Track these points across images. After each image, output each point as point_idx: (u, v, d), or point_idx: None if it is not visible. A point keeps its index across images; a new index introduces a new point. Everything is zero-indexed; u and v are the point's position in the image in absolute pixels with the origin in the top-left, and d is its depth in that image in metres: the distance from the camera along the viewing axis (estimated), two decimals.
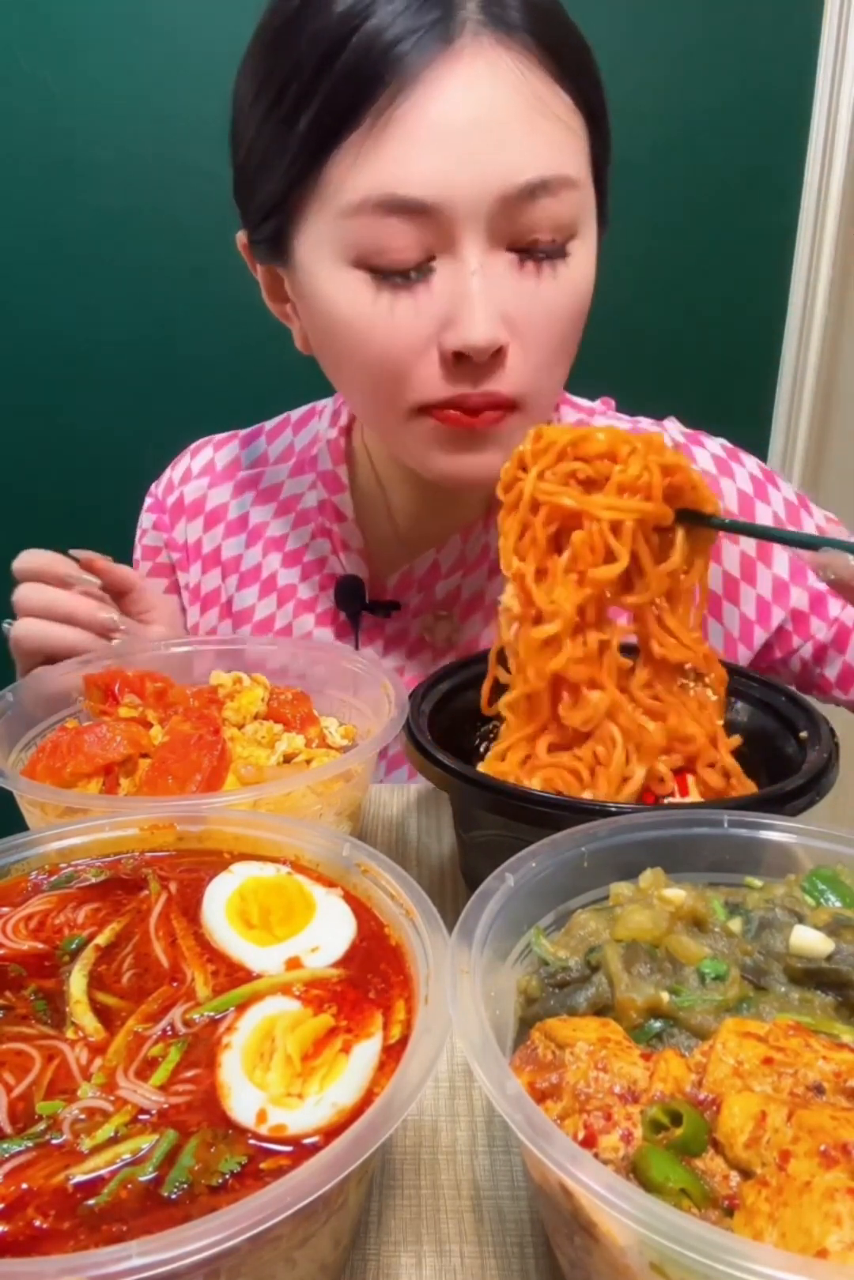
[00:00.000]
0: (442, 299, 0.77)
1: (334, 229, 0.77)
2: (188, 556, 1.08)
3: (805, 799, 0.67)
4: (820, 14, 1.87)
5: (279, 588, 1.04)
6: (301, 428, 1.09)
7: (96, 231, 1.94)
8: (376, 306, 0.77)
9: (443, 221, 0.74)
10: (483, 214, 0.74)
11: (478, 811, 0.71)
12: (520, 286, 0.77)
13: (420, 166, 0.72)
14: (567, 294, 0.80)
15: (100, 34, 1.84)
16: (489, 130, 0.72)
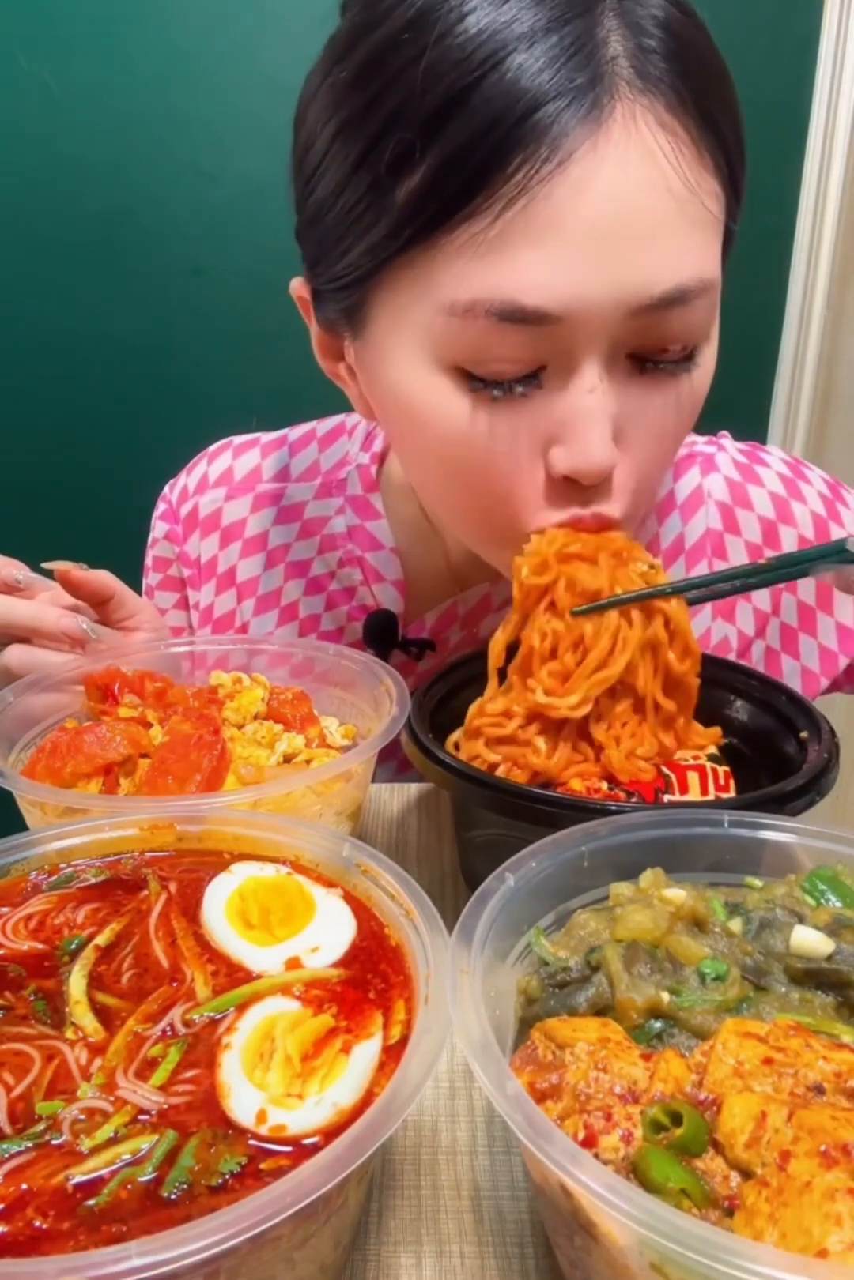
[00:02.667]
0: (549, 414, 0.66)
1: (431, 324, 0.65)
2: (200, 574, 1.01)
3: (805, 799, 0.67)
4: (820, 14, 1.87)
5: (301, 617, 0.97)
6: (329, 444, 0.99)
7: (96, 232, 1.94)
8: (473, 422, 0.66)
9: (565, 335, 0.63)
10: (610, 327, 0.63)
11: (478, 811, 0.71)
12: (635, 399, 0.67)
13: (552, 274, 0.60)
14: (684, 407, 0.69)
15: (100, 34, 1.84)
16: (632, 230, 0.60)
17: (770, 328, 2.07)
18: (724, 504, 0.93)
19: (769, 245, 2.01)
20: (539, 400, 0.66)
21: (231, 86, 1.85)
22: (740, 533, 0.92)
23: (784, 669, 0.94)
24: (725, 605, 0.93)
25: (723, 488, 0.93)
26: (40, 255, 1.96)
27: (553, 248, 0.60)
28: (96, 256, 1.96)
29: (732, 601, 0.92)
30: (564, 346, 0.63)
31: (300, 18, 1.82)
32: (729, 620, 0.93)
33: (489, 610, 0.92)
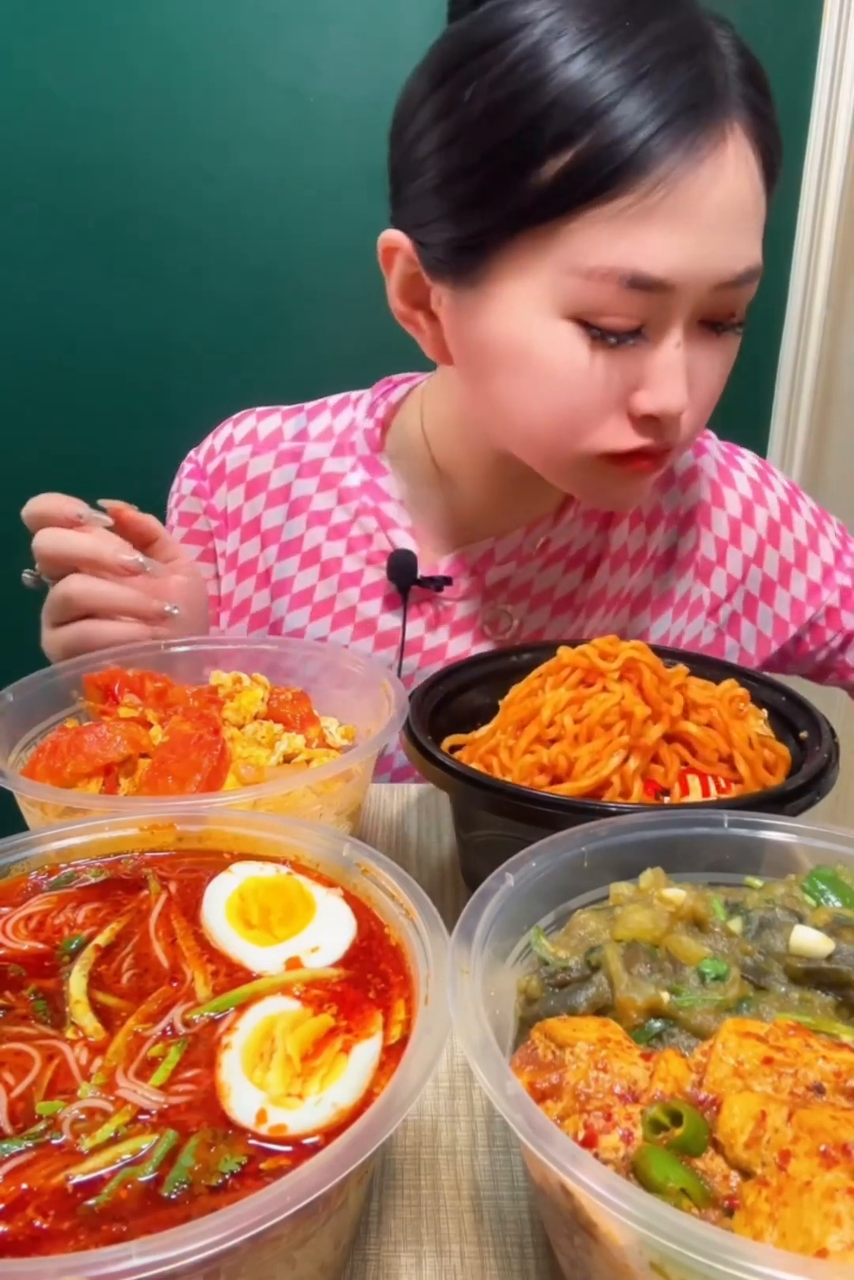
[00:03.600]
0: (640, 361, 0.79)
1: (557, 282, 0.76)
2: (227, 524, 1.07)
3: (805, 799, 0.67)
4: (820, 14, 1.87)
5: (323, 560, 1.04)
6: (338, 412, 1.09)
7: (96, 232, 1.94)
8: (586, 360, 0.78)
9: (668, 299, 0.76)
10: (700, 296, 0.77)
11: (478, 811, 0.71)
12: (704, 355, 0.82)
13: (674, 250, 0.73)
14: (727, 365, 0.86)
15: (100, 35, 1.84)
16: (728, 221, 0.75)
17: (771, 327, 2.07)
18: (713, 480, 1.06)
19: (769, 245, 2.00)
20: (637, 351, 0.79)
21: (232, 87, 1.85)
22: (725, 506, 1.06)
23: (743, 632, 1.07)
24: (705, 567, 1.06)
25: (713, 467, 1.07)
26: (40, 255, 1.96)
27: (681, 231, 0.73)
28: (97, 256, 1.96)
29: (711, 565, 1.06)
30: (664, 310, 0.77)
31: (300, 18, 1.82)
32: (705, 584, 1.06)
33: (492, 563, 1.02)
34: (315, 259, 1.95)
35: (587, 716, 0.75)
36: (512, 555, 1.02)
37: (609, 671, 0.77)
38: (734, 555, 1.05)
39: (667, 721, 0.75)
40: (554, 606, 1.04)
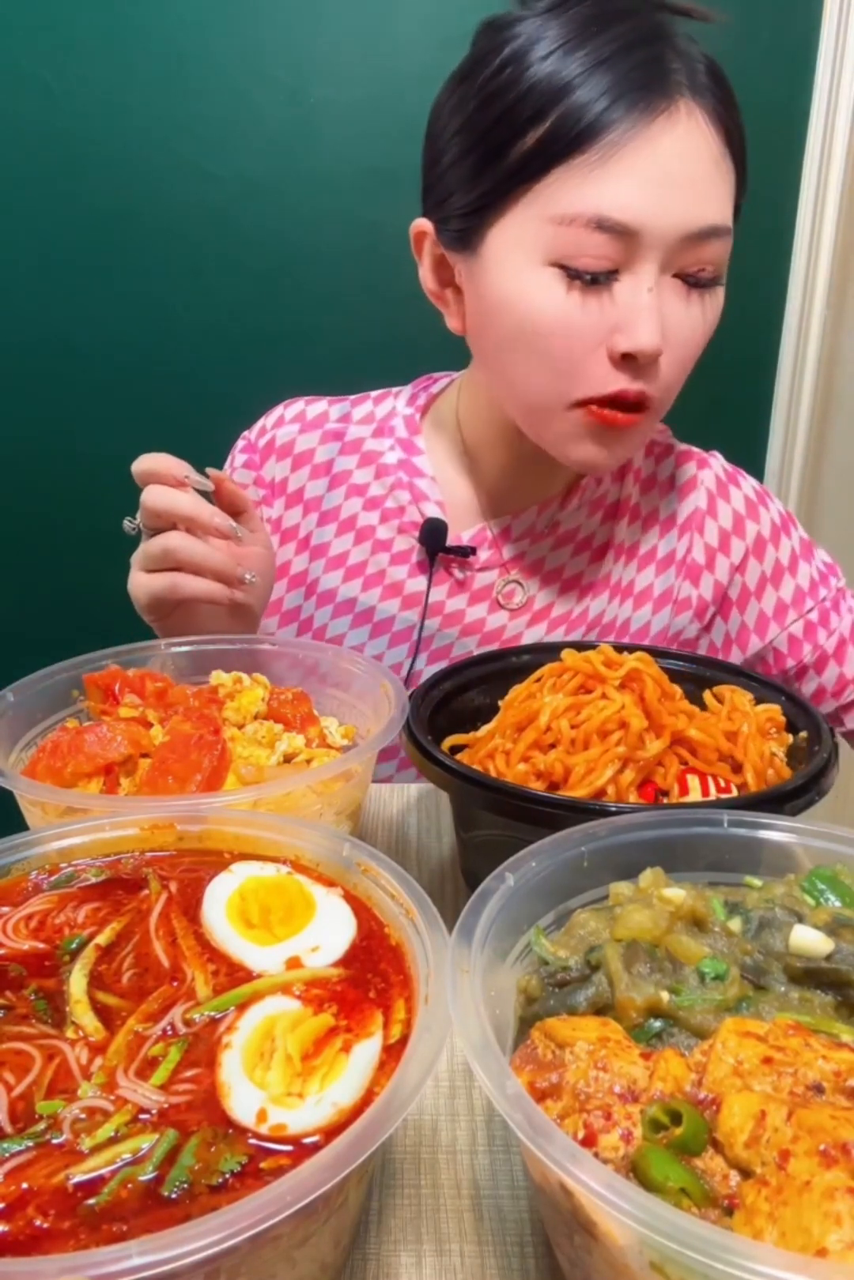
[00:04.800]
0: (617, 306, 0.89)
1: (539, 232, 0.89)
2: (273, 492, 1.17)
3: (805, 799, 0.67)
4: (820, 14, 1.87)
5: (358, 527, 1.14)
6: (380, 402, 1.20)
7: (96, 232, 1.94)
8: (567, 302, 0.89)
9: (636, 245, 0.87)
10: (667, 244, 0.87)
11: (478, 811, 0.71)
12: (680, 307, 0.91)
13: (635, 197, 0.85)
14: (708, 320, 0.95)
15: (100, 34, 1.84)
16: (688, 177, 0.87)
17: (771, 328, 2.07)
18: (711, 492, 1.14)
19: (769, 245, 2.01)
20: (613, 294, 0.89)
21: (232, 86, 1.85)
22: (717, 518, 1.13)
23: (715, 630, 1.15)
24: (695, 571, 1.13)
25: (712, 481, 1.15)
26: (40, 255, 1.96)
27: (640, 181, 0.85)
28: (97, 256, 1.96)
29: (700, 569, 1.13)
30: (635, 254, 0.87)
31: (300, 18, 1.82)
32: (695, 585, 1.13)
33: (509, 539, 1.12)
34: (315, 258, 1.95)
35: (584, 723, 0.75)
36: (526, 533, 1.12)
37: (611, 679, 0.77)
38: (722, 563, 1.13)
39: (667, 737, 0.75)
40: (562, 585, 1.13)
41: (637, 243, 0.87)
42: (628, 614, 1.13)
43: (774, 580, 1.12)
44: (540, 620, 1.12)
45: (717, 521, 1.13)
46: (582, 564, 1.13)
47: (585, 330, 0.90)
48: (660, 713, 0.76)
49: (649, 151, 0.85)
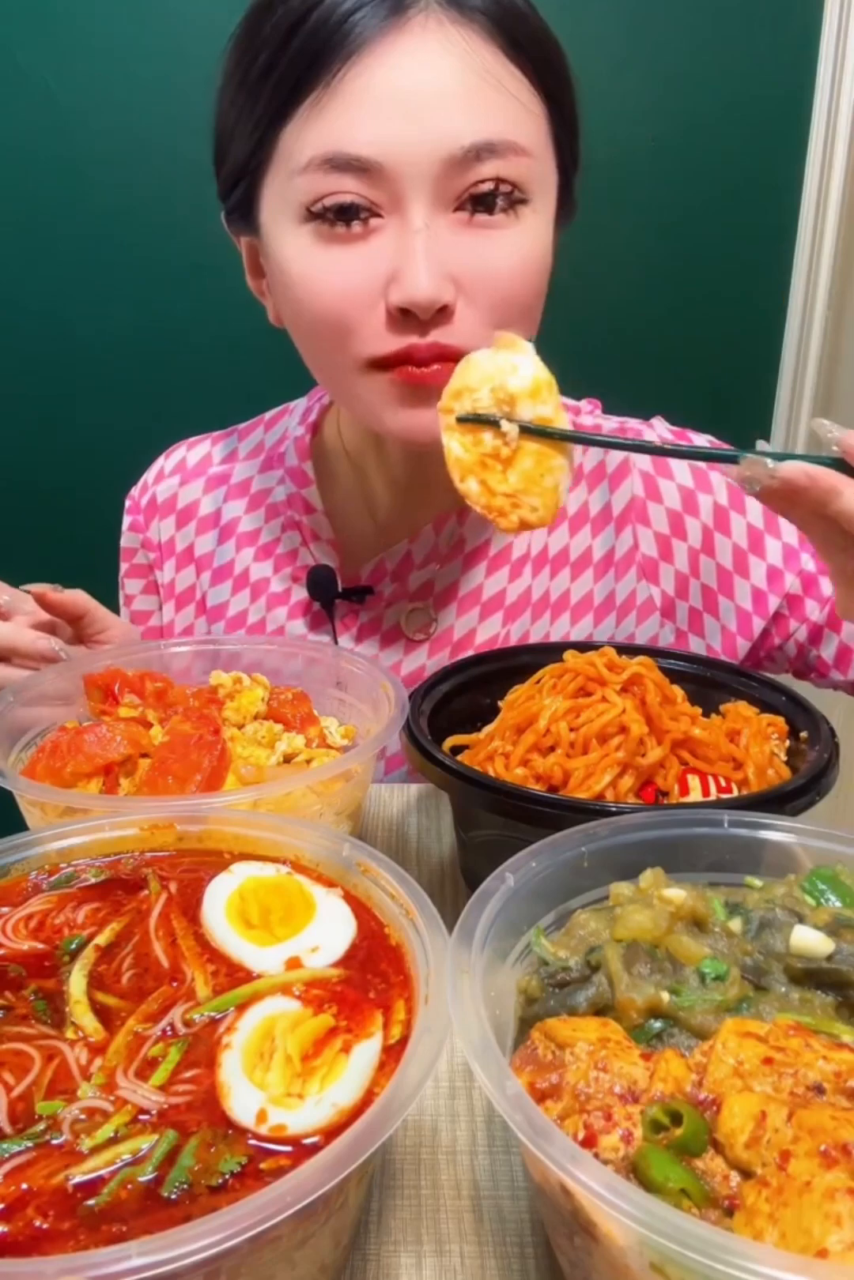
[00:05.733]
0: (387, 256, 0.79)
1: (288, 189, 0.81)
2: (162, 555, 1.11)
3: (805, 799, 0.67)
4: (820, 14, 1.87)
5: (252, 582, 1.06)
6: (272, 426, 1.12)
7: (96, 230, 1.94)
8: (326, 258, 0.81)
9: (389, 181, 0.77)
10: (428, 175, 0.77)
11: (478, 811, 0.71)
12: (466, 243, 0.80)
13: (365, 127, 0.77)
14: (515, 254, 0.81)
15: (100, 34, 1.84)
16: (434, 96, 0.76)
17: (772, 327, 2.07)
18: (647, 473, 1.01)
19: (771, 245, 2.01)
20: (377, 244, 0.80)
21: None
22: (662, 500, 1.00)
23: (706, 628, 1.02)
24: (649, 566, 1.01)
25: (647, 459, 1.02)
26: (40, 255, 1.96)
27: (367, 110, 0.77)
28: (97, 256, 1.96)
29: (655, 563, 1.01)
30: (392, 194, 0.78)
31: None
32: (653, 582, 1.01)
33: (412, 566, 1.02)
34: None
35: (583, 726, 0.75)
36: (430, 556, 1.02)
37: (612, 682, 0.77)
38: (679, 549, 1.00)
39: (667, 744, 0.75)
40: (482, 608, 1.02)
41: (387, 179, 0.77)
42: (565, 628, 1.02)
43: (753, 548, 0.99)
44: (463, 649, 1.02)
45: (662, 504, 1.00)
46: (501, 581, 1.01)
47: (353, 286, 0.80)
48: (661, 717, 0.76)
49: (381, 75, 0.76)
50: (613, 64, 1.87)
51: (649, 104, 1.89)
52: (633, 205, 1.94)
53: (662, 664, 0.83)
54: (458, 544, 1.02)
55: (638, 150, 1.91)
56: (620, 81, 1.87)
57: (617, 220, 1.96)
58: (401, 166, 0.77)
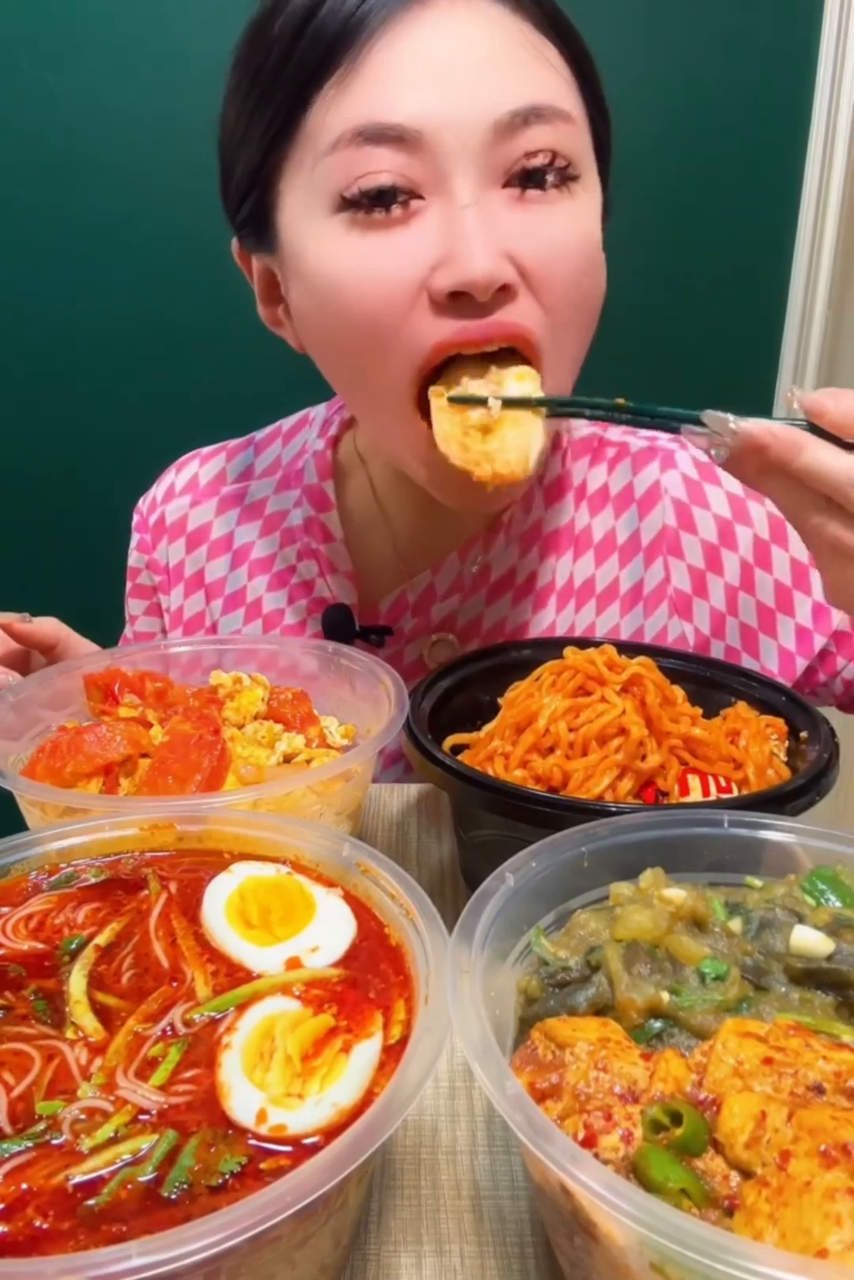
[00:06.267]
0: (432, 240, 0.71)
1: (314, 178, 0.73)
2: (170, 579, 1.05)
3: (805, 799, 0.67)
4: (820, 14, 1.87)
5: (264, 614, 1.01)
6: (291, 438, 1.05)
7: (96, 231, 1.94)
8: (363, 248, 0.72)
9: (430, 156, 0.70)
10: (473, 146, 0.70)
11: (478, 811, 0.71)
12: (523, 219, 0.72)
13: (401, 96, 0.70)
14: (576, 229, 0.74)
15: (100, 34, 1.84)
16: (472, 64, 0.71)
17: (772, 327, 2.07)
18: (680, 501, 0.94)
19: (771, 244, 2.01)
20: (420, 228, 0.72)
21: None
22: (696, 531, 0.93)
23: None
24: (682, 602, 0.94)
25: (680, 485, 0.95)
26: (40, 255, 1.96)
27: (400, 80, 0.70)
28: (96, 257, 1.96)
29: (688, 599, 0.94)
30: (435, 171, 0.71)
31: None
32: (686, 619, 0.94)
33: (435, 598, 0.95)
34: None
35: (583, 726, 0.75)
36: (453, 588, 0.95)
37: (612, 682, 0.77)
38: (715, 585, 0.94)
39: (666, 750, 0.75)
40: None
41: (428, 152, 0.70)
42: None
43: (798, 584, 0.92)
44: None
45: (698, 535, 0.93)
46: (525, 613, 0.96)
47: (394, 278, 0.71)
48: (661, 718, 0.76)
49: (412, 46, 0.70)
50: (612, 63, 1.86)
51: (649, 102, 1.89)
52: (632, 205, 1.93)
53: (662, 664, 0.83)
54: (484, 574, 0.96)
55: (638, 150, 1.91)
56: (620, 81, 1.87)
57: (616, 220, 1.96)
58: (443, 137, 0.69)
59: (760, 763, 0.75)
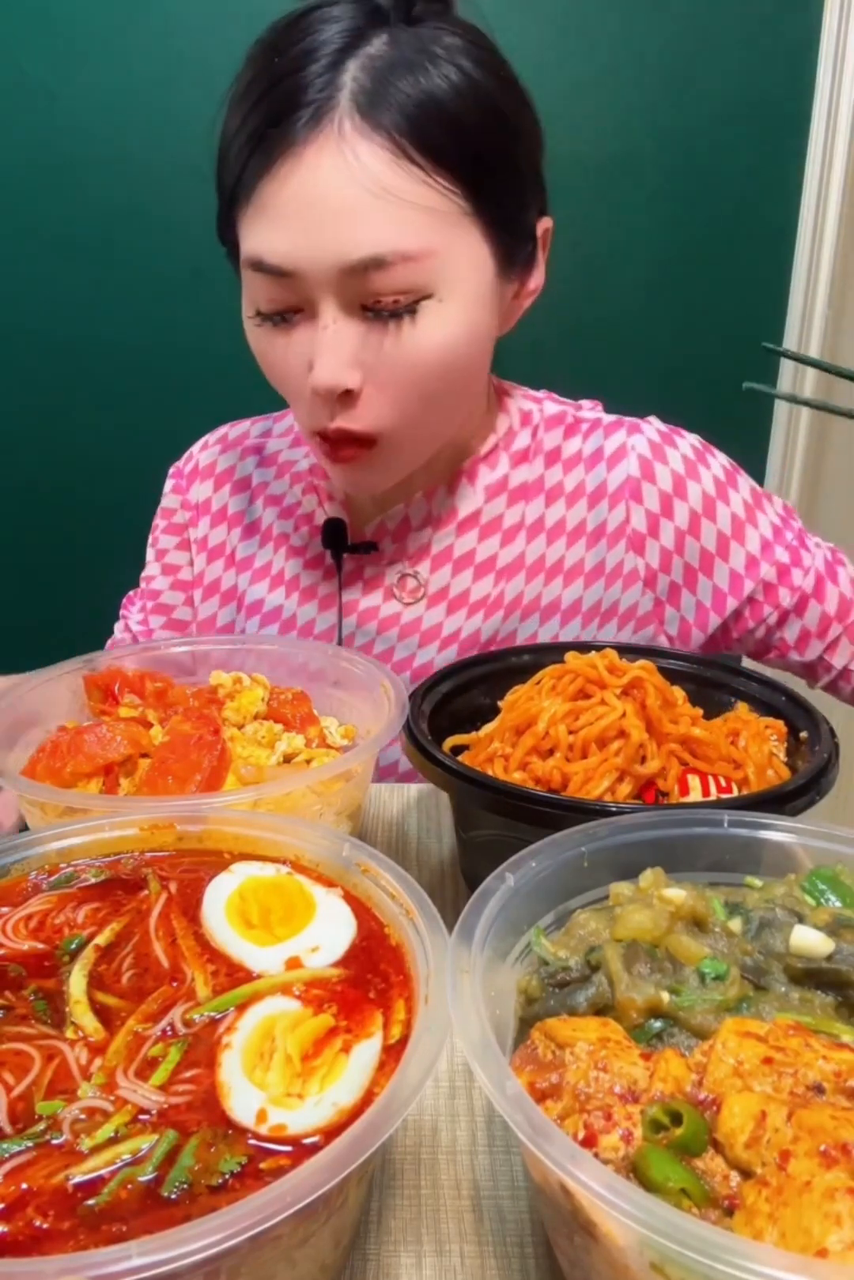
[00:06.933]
0: (305, 348, 0.92)
1: (244, 280, 0.95)
2: (198, 512, 1.22)
3: (805, 799, 0.67)
4: (820, 14, 1.87)
5: (274, 536, 1.19)
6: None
7: (96, 232, 1.94)
8: (269, 342, 0.95)
9: (301, 286, 0.88)
10: (330, 282, 0.87)
11: (478, 811, 0.71)
12: (371, 339, 0.90)
13: (276, 239, 0.88)
14: (415, 348, 0.91)
15: (100, 35, 1.84)
16: (333, 210, 0.85)
17: (772, 328, 2.07)
18: (644, 456, 1.10)
19: (771, 245, 2.01)
20: (300, 334, 0.92)
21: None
22: (655, 481, 1.09)
23: (683, 602, 1.11)
24: (638, 540, 1.10)
25: (645, 445, 1.10)
26: (40, 255, 1.96)
27: (277, 222, 0.87)
28: (96, 257, 1.96)
29: (643, 537, 1.10)
30: (306, 294, 0.89)
31: None
32: (640, 555, 1.10)
33: (410, 529, 1.13)
34: None
35: (582, 729, 0.75)
36: (425, 521, 1.12)
37: (613, 684, 0.77)
38: (667, 527, 1.09)
39: (665, 754, 0.75)
40: (476, 570, 1.12)
41: (300, 283, 0.88)
42: (557, 591, 1.10)
43: (735, 535, 1.08)
44: (458, 608, 1.11)
45: (656, 485, 1.09)
46: (493, 546, 1.11)
47: (286, 370, 0.94)
48: (662, 721, 0.76)
49: (292, 187, 0.86)
50: (612, 64, 1.87)
51: (649, 104, 1.89)
52: (632, 205, 1.94)
53: (662, 664, 0.83)
54: (451, 513, 1.12)
55: (637, 150, 1.91)
56: (620, 81, 1.87)
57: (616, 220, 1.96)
58: (307, 275, 0.87)
59: (760, 763, 0.75)
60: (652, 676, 0.78)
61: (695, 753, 0.76)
